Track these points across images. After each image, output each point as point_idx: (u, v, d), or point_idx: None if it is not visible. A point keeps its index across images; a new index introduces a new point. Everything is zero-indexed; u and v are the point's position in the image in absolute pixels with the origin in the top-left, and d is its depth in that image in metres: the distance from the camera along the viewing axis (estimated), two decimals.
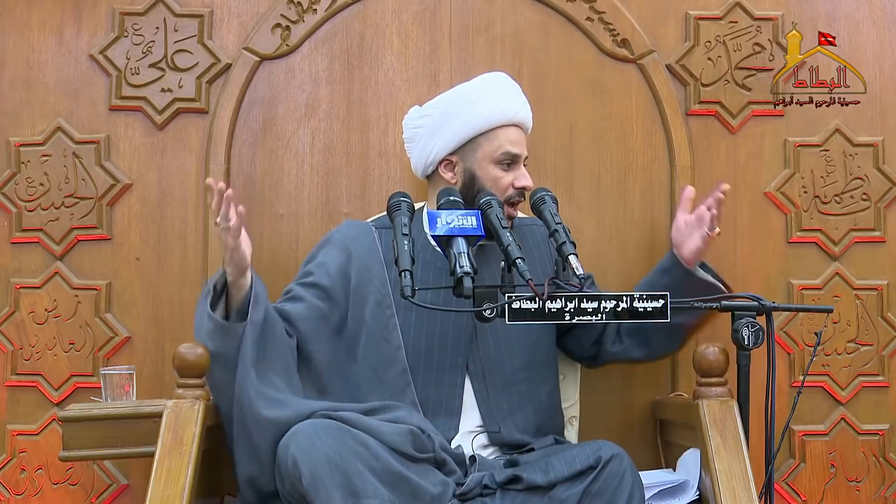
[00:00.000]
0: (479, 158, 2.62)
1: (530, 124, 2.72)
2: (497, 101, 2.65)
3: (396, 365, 2.54)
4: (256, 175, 3.02)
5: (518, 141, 2.64)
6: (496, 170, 2.61)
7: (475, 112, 2.63)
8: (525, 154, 2.66)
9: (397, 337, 2.55)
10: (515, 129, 2.65)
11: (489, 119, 2.62)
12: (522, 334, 2.59)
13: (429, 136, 2.67)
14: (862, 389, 3.03)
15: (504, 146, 2.61)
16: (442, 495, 2.29)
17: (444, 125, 2.65)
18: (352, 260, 2.62)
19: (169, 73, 3.01)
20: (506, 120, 2.63)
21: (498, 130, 2.62)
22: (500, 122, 2.63)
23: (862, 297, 3.04)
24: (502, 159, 2.61)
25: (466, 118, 2.63)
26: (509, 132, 2.63)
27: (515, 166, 2.62)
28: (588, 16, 3.05)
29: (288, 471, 2.24)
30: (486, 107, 2.63)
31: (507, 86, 2.72)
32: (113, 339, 2.97)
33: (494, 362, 2.58)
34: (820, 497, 3.02)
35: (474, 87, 2.70)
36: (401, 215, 2.39)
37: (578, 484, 2.27)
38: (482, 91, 2.68)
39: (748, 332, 2.36)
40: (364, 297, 2.58)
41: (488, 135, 2.62)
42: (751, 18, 3.07)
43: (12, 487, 2.95)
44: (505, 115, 2.63)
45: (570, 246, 2.34)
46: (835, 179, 3.06)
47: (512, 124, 2.64)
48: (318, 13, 3.03)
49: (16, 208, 2.99)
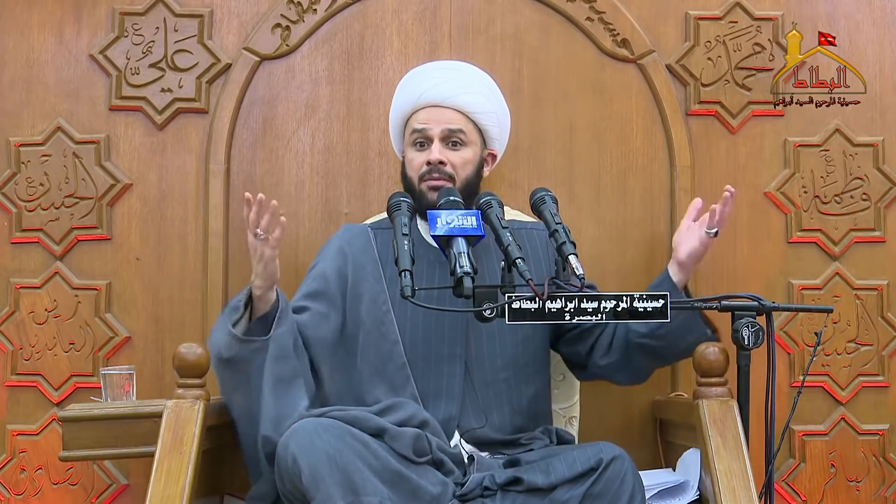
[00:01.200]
0: (405, 146, 2.71)
1: (462, 98, 2.67)
2: (410, 90, 2.72)
3: (395, 359, 2.55)
4: (256, 175, 3.02)
5: (429, 118, 2.65)
6: (412, 151, 2.67)
7: (395, 106, 2.75)
8: (441, 129, 2.64)
9: (394, 331, 2.56)
10: (431, 109, 2.66)
11: (402, 108, 2.72)
12: (510, 333, 2.58)
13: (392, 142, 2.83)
14: (862, 389, 3.03)
15: (412, 125, 2.67)
16: (441, 495, 2.29)
17: (390, 128, 2.80)
18: (348, 261, 2.65)
19: (169, 73, 3.01)
20: (413, 105, 2.69)
21: (413, 115, 2.69)
22: (411, 108, 2.69)
23: (862, 297, 3.04)
24: (413, 140, 2.67)
25: (392, 115, 2.77)
26: (421, 114, 2.67)
27: (429, 144, 2.65)
28: (588, 16, 3.05)
29: (288, 469, 2.23)
30: (400, 97, 2.74)
31: (425, 71, 2.78)
32: (113, 339, 2.97)
33: (481, 357, 2.58)
34: (820, 497, 3.02)
35: (399, 84, 2.80)
36: (401, 215, 2.39)
37: (579, 486, 2.27)
38: (401, 85, 2.78)
39: (748, 332, 2.36)
40: (360, 296, 2.60)
41: (408, 122, 2.70)
42: (751, 18, 3.07)
43: (12, 487, 2.95)
44: (410, 102, 2.69)
45: (570, 246, 2.34)
46: (835, 179, 3.06)
47: (424, 106, 2.67)
48: (318, 13, 3.03)
49: (16, 208, 2.99)
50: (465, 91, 2.67)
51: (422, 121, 2.65)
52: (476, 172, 2.67)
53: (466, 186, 2.62)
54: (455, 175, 2.62)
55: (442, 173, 2.60)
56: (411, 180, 2.64)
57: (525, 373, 2.63)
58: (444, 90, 2.66)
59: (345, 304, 2.61)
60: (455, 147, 2.64)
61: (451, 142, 2.64)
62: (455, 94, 2.66)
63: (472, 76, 2.75)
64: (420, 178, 2.62)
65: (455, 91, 2.67)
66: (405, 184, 2.67)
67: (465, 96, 2.67)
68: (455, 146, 2.64)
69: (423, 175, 2.61)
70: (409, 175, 2.66)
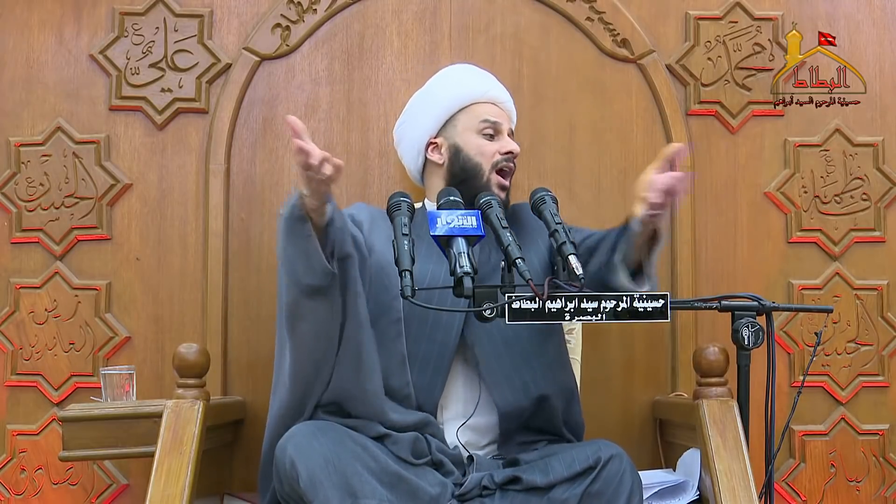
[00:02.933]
0: (461, 131, 2.67)
1: (511, 108, 2.76)
2: (466, 81, 2.74)
3: (391, 314, 2.49)
4: (256, 175, 3.02)
5: (497, 114, 2.69)
6: (479, 139, 2.66)
7: (448, 92, 2.73)
8: (508, 126, 2.70)
9: (397, 285, 2.51)
10: (492, 105, 2.70)
11: (462, 96, 2.70)
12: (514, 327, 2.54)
13: (411, 128, 2.76)
14: (862, 389, 3.03)
15: (482, 115, 2.67)
16: (440, 496, 2.29)
17: (422, 112, 2.74)
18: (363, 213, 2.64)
19: (169, 73, 3.01)
20: (478, 96, 2.70)
21: (474, 105, 2.69)
22: (473, 98, 2.70)
23: (862, 297, 3.04)
24: (483, 128, 2.66)
25: (441, 98, 2.72)
26: (485, 106, 2.69)
27: (499, 136, 2.66)
28: (588, 16, 3.05)
29: (286, 472, 2.23)
30: (458, 86, 2.73)
31: (475, 70, 2.83)
32: (113, 339, 2.97)
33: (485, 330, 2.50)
34: (820, 497, 3.02)
35: (444, 73, 2.82)
36: (401, 215, 2.38)
37: (578, 485, 2.27)
38: (451, 75, 2.80)
39: (748, 332, 2.36)
40: (371, 245, 2.54)
41: (465, 110, 2.69)
42: (751, 18, 3.07)
43: (12, 487, 2.95)
44: (476, 92, 2.71)
45: (569, 246, 2.33)
46: (835, 179, 3.06)
47: (487, 101, 2.70)
48: (318, 13, 3.03)
49: (16, 208, 2.99)
50: (511, 102, 2.78)
51: (492, 113, 2.68)
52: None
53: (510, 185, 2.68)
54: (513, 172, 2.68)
55: (513, 164, 2.66)
56: (479, 166, 2.63)
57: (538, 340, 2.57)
58: (504, 95, 2.76)
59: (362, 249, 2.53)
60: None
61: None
62: (509, 101, 2.77)
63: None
64: (493, 167, 2.63)
65: (509, 99, 2.77)
66: (463, 167, 2.63)
67: (512, 106, 2.78)
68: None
69: (497, 163, 2.63)
70: (475, 161, 2.63)
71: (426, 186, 2.75)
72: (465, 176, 2.62)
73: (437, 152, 2.69)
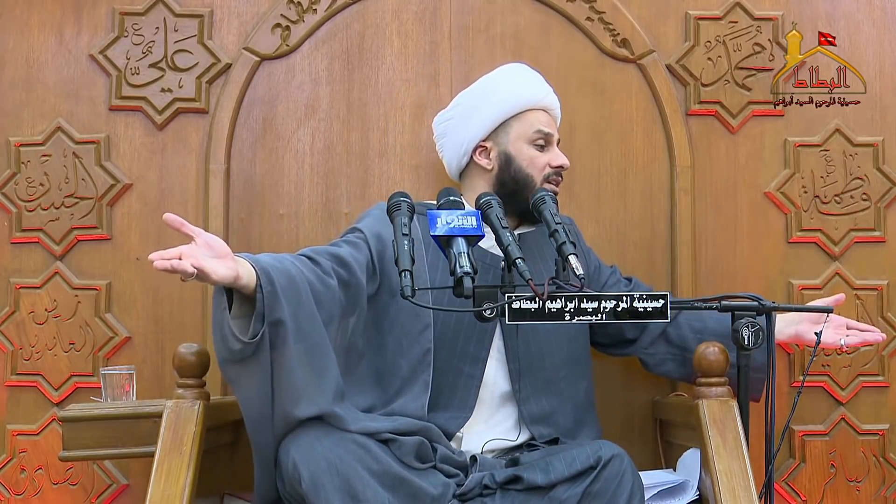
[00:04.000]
0: (513, 139, 2.65)
1: (558, 113, 2.75)
2: (523, 86, 2.70)
3: (422, 343, 2.50)
4: (256, 175, 3.02)
5: (549, 123, 2.68)
6: (531, 149, 2.64)
7: (503, 96, 2.68)
8: (557, 137, 2.70)
9: (428, 314, 2.51)
10: (544, 113, 2.69)
11: (517, 102, 2.67)
12: (562, 328, 2.57)
13: (461, 126, 2.70)
14: (862, 389, 3.03)
15: (536, 125, 2.65)
16: (442, 496, 2.29)
17: (474, 113, 2.68)
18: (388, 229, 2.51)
19: (169, 73, 3.01)
20: (534, 103, 2.68)
21: (527, 113, 2.67)
22: (528, 105, 2.67)
23: (862, 297, 3.04)
24: (536, 138, 2.65)
25: (495, 102, 2.67)
26: (538, 114, 2.68)
27: (549, 147, 2.66)
28: (588, 16, 3.05)
29: (288, 474, 2.23)
30: (514, 91, 2.68)
31: (531, 73, 2.78)
32: (113, 339, 2.97)
33: (535, 358, 2.56)
34: (820, 497, 3.02)
35: (500, 75, 2.76)
36: (401, 215, 2.38)
37: (578, 484, 2.27)
38: (508, 78, 2.74)
39: (748, 332, 2.36)
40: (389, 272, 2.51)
41: (518, 117, 2.66)
42: (751, 18, 3.07)
43: (12, 487, 2.95)
44: (533, 99, 2.68)
45: (569, 246, 2.34)
46: (835, 179, 3.06)
47: (540, 108, 2.69)
48: (318, 13, 3.03)
49: (16, 208, 2.99)
50: (559, 111, 2.75)
51: (545, 123, 2.67)
52: None
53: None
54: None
55: (561, 178, 2.67)
56: (530, 178, 2.62)
57: (579, 368, 2.64)
58: (553, 101, 2.73)
59: (382, 268, 2.52)
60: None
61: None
62: (558, 107, 2.74)
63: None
64: (544, 179, 2.63)
65: (558, 106, 2.74)
66: (514, 177, 2.62)
67: (559, 114, 2.75)
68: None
69: (549, 176, 2.63)
70: (527, 172, 2.63)
71: (467, 187, 2.71)
72: (517, 187, 2.62)
73: (486, 157, 2.66)
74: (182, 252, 2.07)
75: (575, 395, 2.62)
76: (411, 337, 2.50)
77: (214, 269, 2.09)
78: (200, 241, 2.13)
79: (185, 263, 2.05)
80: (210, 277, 2.09)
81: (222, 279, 2.11)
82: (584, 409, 2.64)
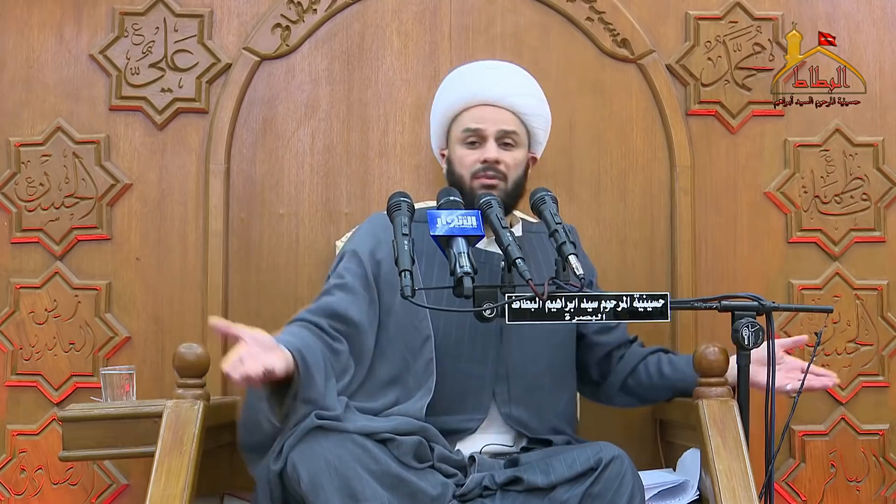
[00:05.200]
0: (452, 142, 2.67)
1: (513, 101, 2.65)
2: (460, 87, 2.69)
3: (424, 354, 2.50)
4: (256, 175, 3.02)
5: (483, 117, 2.63)
6: (462, 149, 2.63)
7: (437, 106, 2.73)
8: (496, 129, 2.62)
9: (427, 326, 2.50)
10: (483, 108, 2.64)
11: (452, 104, 2.68)
12: (548, 336, 2.56)
13: (432, 137, 2.78)
14: (862, 389, 3.03)
15: (465, 123, 2.63)
16: (441, 496, 2.28)
17: (432, 125, 2.76)
18: (381, 246, 2.55)
19: (169, 73, 3.01)
20: (469, 101, 2.65)
21: (463, 113, 2.65)
22: (463, 104, 2.66)
23: (862, 297, 3.04)
24: (465, 137, 2.63)
25: (434, 113, 2.73)
26: (474, 112, 2.64)
27: (483, 143, 2.62)
28: (588, 16, 3.05)
29: (287, 475, 2.23)
30: (451, 94, 2.70)
31: (476, 69, 2.75)
32: (113, 339, 2.97)
33: (518, 364, 2.55)
34: (820, 497, 3.02)
35: (445, 80, 2.78)
36: (401, 215, 2.38)
37: (579, 486, 2.26)
38: (443, 86, 2.76)
39: (748, 332, 2.36)
40: (393, 284, 2.44)
41: (456, 119, 2.67)
42: (751, 18, 3.07)
43: (12, 487, 2.95)
44: (464, 97, 2.66)
45: (569, 246, 2.33)
46: (835, 179, 3.06)
47: (477, 105, 2.64)
48: (318, 13, 3.03)
49: (16, 208, 2.99)
50: (520, 93, 2.67)
51: (476, 119, 2.63)
52: (524, 173, 2.66)
53: (516, 187, 2.62)
54: (508, 174, 2.60)
55: (497, 172, 2.59)
56: (461, 178, 2.61)
57: (562, 378, 2.63)
58: (500, 90, 2.65)
59: (379, 288, 2.52)
60: (507, 148, 2.62)
61: (503, 143, 2.62)
62: (511, 94, 2.66)
63: (526, 78, 2.74)
64: (473, 176, 2.60)
65: (511, 92, 2.66)
66: (452, 181, 2.63)
67: (520, 98, 2.66)
68: (507, 147, 2.62)
69: (477, 172, 2.59)
70: (458, 172, 2.62)
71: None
72: (456, 187, 2.61)
73: (444, 162, 2.70)
74: (241, 356, 2.11)
75: (555, 404, 2.59)
76: (414, 351, 2.51)
77: (276, 366, 2.14)
78: (249, 338, 2.16)
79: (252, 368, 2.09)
80: (275, 375, 2.14)
81: (283, 371, 2.17)
82: (562, 420, 2.60)
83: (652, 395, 2.69)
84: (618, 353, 2.70)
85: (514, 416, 2.53)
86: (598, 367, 2.71)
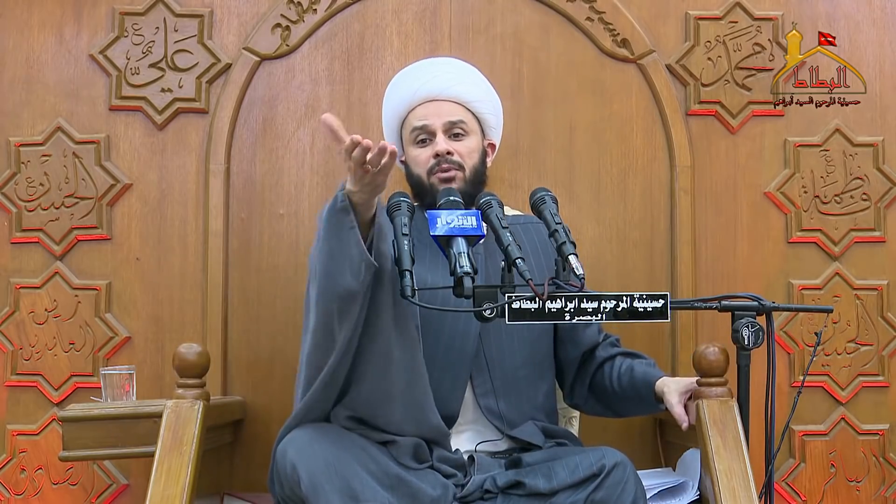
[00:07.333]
0: (406, 146, 2.68)
1: (456, 91, 2.66)
2: (401, 90, 2.70)
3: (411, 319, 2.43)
4: (256, 175, 3.02)
5: (427, 113, 2.63)
6: (414, 149, 2.64)
7: (387, 110, 2.75)
8: (442, 122, 2.61)
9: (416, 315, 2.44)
10: (426, 105, 2.64)
11: (396, 109, 2.70)
12: (524, 330, 2.55)
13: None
14: (862, 389, 3.03)
15: (412, 123, 2.65)
16: (441, 498, 2.28)
17: (384, 133, 2.76)
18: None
19: (169, 73, 3.01)
20: (411, 101, 2.66)
21: (410, 114, 2.67)
22: (407, 105, 2.67)
23: (862, 297, 3.04)
24: (415, 137, 2.64)
25: (385, 119, 2.76)
26: (418, 111, 2.65)
27: (432, 139, 2.62)
28: (588, 16, 3.05)
29: (287, 475, 2.23)
30: (393, 99, 2.72)
31: (413, 68, 2.76)
32: (113, 339, 2.97)
33: (496, 355, 2.54)
34: (820, 497, 3.02)
35: (387, 88, 2.78)
36: (401, 215, 2.38)
37: (581, 491, 2.25)
38: (390, 87, 2.77)
39: (748, 332, 2.36)
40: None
41: (405, 122, 2.68)
42: (751, 18, 3.07)
43: (12, 487, 2.95)
44: (405, 101, 2.68)
45: (570, 246, 2.33)
46: (835, 179, 3.06)
47: (420, 103, 2.65)
48: (318, 13, 3.03)
49: (16, 208, 2.99)
50: (459, 82, 2.68)
51: (421, 117, 2.63)
52: (482, 161, 2.65)
53: (475, 175, 2.62)
54: (463, 164, 2.60)
55: (451, 163, 2.59)
56: (419, 177, 2.61)
57: (539, 370, 2.61)
58: (439, 83, 2.66)
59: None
60: (458, 138, 2.62)
61: (452, 133, 2.62)
62: (451, 85, 2.66)
63: (463, 68, 2.76)
64: (429, 172, 2.60)
65: (450, 82, 2.66)
66: (412, 182, 2.64)
67: (460, 86, 2.67)
68: (458, 137, 2.62)
69: (432, 168, 2.59)
70: (415, 173, 2.62)
71: None
72: (418, 190, 2.62)
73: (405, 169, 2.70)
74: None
75: (533, 396, 2.58)
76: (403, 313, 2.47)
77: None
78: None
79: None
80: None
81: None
82: (541, 412, 2.59)
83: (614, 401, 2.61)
84: (590, 352, 2.66)
85: (492, 409, 2.52)
86: (571, 365, 2.68)
